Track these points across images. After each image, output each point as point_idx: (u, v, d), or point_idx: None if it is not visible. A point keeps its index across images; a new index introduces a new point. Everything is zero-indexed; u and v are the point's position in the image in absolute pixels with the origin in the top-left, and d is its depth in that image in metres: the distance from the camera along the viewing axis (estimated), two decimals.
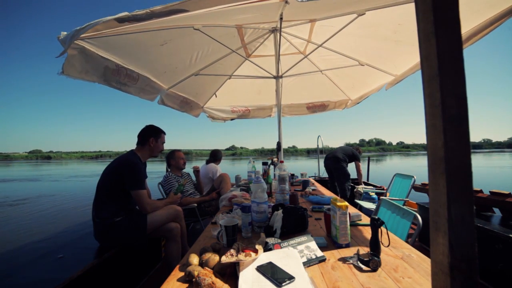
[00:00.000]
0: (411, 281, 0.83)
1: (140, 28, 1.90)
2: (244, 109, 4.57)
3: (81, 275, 1.58)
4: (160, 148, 2.18)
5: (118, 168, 1.95)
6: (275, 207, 1.48)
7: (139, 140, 2.14)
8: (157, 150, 2.17)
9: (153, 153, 2.16)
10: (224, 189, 3.08)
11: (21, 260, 2.00)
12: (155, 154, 2.18)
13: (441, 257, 0.43)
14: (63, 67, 1.69)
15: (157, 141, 2.15)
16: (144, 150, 2.12)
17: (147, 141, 2.11)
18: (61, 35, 1.52)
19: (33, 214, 5.47)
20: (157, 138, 2.16)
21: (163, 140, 2.23)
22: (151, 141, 2.12)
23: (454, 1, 0.41)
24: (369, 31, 2.58)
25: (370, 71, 3.20)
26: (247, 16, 2.34)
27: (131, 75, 2.38)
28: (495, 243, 1.85)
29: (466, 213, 0.41)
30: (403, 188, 3.21)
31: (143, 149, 2.12)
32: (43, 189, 11.07)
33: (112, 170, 1.96)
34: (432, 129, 0.43)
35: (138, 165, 1.98)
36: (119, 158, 2.04)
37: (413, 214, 1.50)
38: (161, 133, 2.21)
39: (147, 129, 2.16)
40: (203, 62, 3.10)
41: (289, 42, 3.33)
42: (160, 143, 2.18)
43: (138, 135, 2.16)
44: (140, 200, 1.94)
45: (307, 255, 1.00)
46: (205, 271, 0.85)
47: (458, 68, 0.41)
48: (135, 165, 1.96)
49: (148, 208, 1.97)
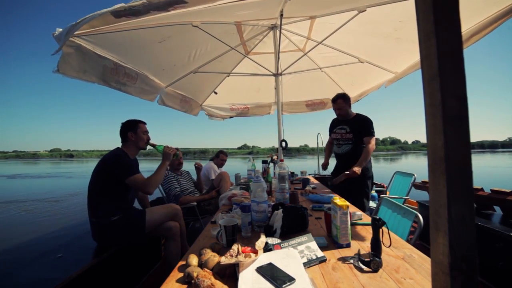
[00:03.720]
0: (413, 282, 0.83)
1: (137, 25, 1.89)
2: (243, 107, 4.56)
3: (80, 274, 1.58)
4: (143, 138, 2.13)
5: (105, 164, 1.96)
6: (275, 207, 1.48)
7: (121, 139, 2.14)
8: (141, 141, 2.13)
9: (139, 145, 2.13)
10: (224, 187, 3.09)
11: (20, 259, 2.01)
12: (141, 145, 2.14)
13: (441, 257, 0.43)
14: (58, 65, 1.66)
15: (136, 133, 2.11)
16: (128, 146, 2.11)
17: (127, 137, 2.10)
18: (56, 31, 1.50)
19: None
20: (135, 130, 2.11)
21: (143, 129, 2.17)
22: (130, 136, 2.10)
23: (454, 1, 0.41)
24: (369, 28, 2.56)
25: (370, 69, 3.19)
26: (247, 12, 2.32)
27: (129, 74, 2.37)
28: (496, 241, 1.85)
29: (466, 213, 0.41)
30: (403, 186, 3.21)
31: (127, 145, 2.12)
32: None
33: (100, 168, 1.96)
34: (432, 129, 0.43)
35: (124, 156, 1.99)
36: (105, 155, 2.05)
37: (414, 214, 1.49)
38: (138, 123, 2.15)
39: (123, 126, 2.14)
40: (201, 59, 3.09)
41: (289, 39, 3.31)
42: (140, 133, 2.13)
43: (120, 135, 2.15)
44: (137, 185, 1.92)
45: (308, 255, 1.00)
46: (204, 273, 0.84)
47: (458, 68, 0.41)
48: (120, 156, 1.97)
49: (148, 187, 1.94)
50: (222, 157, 4.14)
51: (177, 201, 2.78)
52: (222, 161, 4.13)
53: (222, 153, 4.18)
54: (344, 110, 2.67)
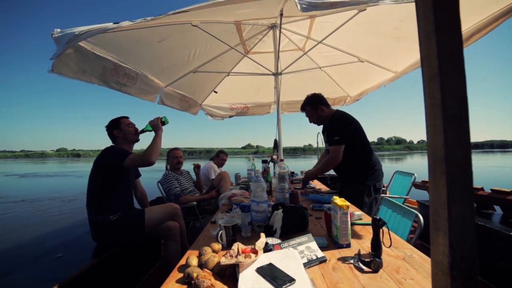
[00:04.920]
0: (413, 282, 0.83)
1: (137, 25, 1.89)
2: (242, 106, 4.56)
3: (80, 274, 1.58)
4: (129, 131, 2.12)
5: (98, 162, 1.96)
6: (275, 207, 1.47)
7: (111, 140, 2.14)
8: (128, 134, 2.12)
9: (127, 139, 2.12)
10: (224, 187, 3.09)
11: (20, 259, 2.01)
12: (130, 138, 2.13)
13: (441, 257, 0.43)
14: (53, 65, 1.62)
15: (121, 129, 2.10)
16: (118, 143, 2.11)
17: (114, 136, 2.11)
18: (55, 32, 1.48)
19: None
20: (119, 126, 2.11)
21: (127, 122, 2.15)
22: (117, 133, 2.10)
23: (454, 1, 0.40)
24: (369, 27, 2.56)
25: (370, 68, 3.19)
26: (247, 11, 2.32)
27: (129, 74, 2.37)
28: (496, 241, 1.84)
29: (466, 213, 0.41)
30: (403, 186, 3.21)
31: (116, 142, 2.12)
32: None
33: (96, 167, 1.97)
34: (432, 129, 0.43)
35: (114, 147, 2.02)
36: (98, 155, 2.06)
37: (414, 214, 1.49)
38: (119, 120, 2.15)
39: (107, 127, 2.14)
40: (201, 59, 3.09)
41: (288, 38, 3.31)
42: (125, 127, 2.11)
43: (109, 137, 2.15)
44: (136, 161, 1.90)
45: (308, 255, 0.99)
46: (204, 273, 0.84)
47: (458, 68, 0.40)
48: (110, 149, 2.00)
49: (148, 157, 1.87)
50: (222, 156, 4.14)
51: (177, 200, 2.77)
52: (222, 160, 4.13)
53: (222, 153, 4.18)
54: (314, 117, 2.33)
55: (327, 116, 2.27)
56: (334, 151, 2.10)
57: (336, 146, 2.09)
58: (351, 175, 2.21)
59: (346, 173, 2.28)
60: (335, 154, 2.09)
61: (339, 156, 2.08)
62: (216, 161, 4.04)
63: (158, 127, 2.06)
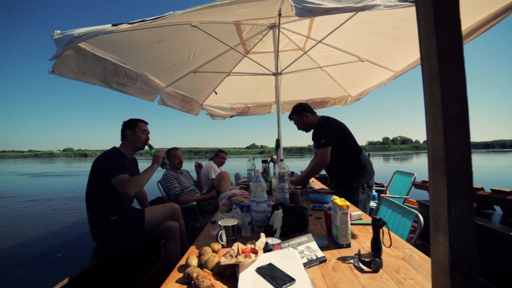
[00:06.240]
0: (413, 282, 0.83)
1: (136, 26, 1.89)
2: (243, 106, 4.57)
3: (80, 274, 1.58)
4: (141, 137, 2.10)
5: (97, 164, 1.95)
6: (275, 207, 1.47)
7: (121, 137, 2.13)
8: (138, 140, 2.10)
9: (136, 144, 2.11)
10: (224, 187, 3.09)
11: (20, 258, 2.00)
12: (138, 144, 2.11)
13: (441, 257, 0.43)
14: (54, 66, 1.62)
15: (134, 131, 2.09)
16: (125, 144, 2.10)
17: (125, 135, 2.10)
18: (55, 33, 1.48)
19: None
20: (134, 128, 2.09)
21: (143, 128, 2.13)
22: (128, 134, 2.09)
23: (454, 1, 0.40)
24: (369, 27, 2.56)
25: (370, 67, 3.19)
26: (246, 11, 2.32)
27: (129, 75, 2.37)
28: (496, 241, 1.85)
29: (466, 213, 0.41)
30: (403, 186, 3.21)
31: (124, 144, 2.11)
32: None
33: (93, 169, 1.96)
34: (432, 129, 0.43)
35: (114, 155, 1.98)
36: (99, 155, 2.04)
37: (414, 213, 1.49)
38: (137, 122, 2.13)
39: (123, 124, 2.13)
40: (201, 59, 3.09)
41: (288, 38, 3.31)
42: (138, 132, 2.10)
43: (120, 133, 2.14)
44: (121, 186, 1.86)
45: (308, 255, 0.99)
46: (204, 273, 0.84)
47: (458, 68, 0.40)
48: (109, 155, 1.97)
49: (128, 187, 1.86)
50: (222, 155, 4.14)
51: (177, 200, 2.78)
52: (222, 159, 4.13)
53: (222, 152, 4.19)
54: (300, 124, 2.43)
55: (312, 122, 2.39)
56: (321, 153, 2.20)
57: (323, 149, 2.19)
58: (343, 176, 2.30)
59: (337, 174, 2.38)
60: (323, 156, 2.19)
61: (327, 157, 2.17)
62: (216, 160, 4.04)
63: (159, 161, 2.10)
